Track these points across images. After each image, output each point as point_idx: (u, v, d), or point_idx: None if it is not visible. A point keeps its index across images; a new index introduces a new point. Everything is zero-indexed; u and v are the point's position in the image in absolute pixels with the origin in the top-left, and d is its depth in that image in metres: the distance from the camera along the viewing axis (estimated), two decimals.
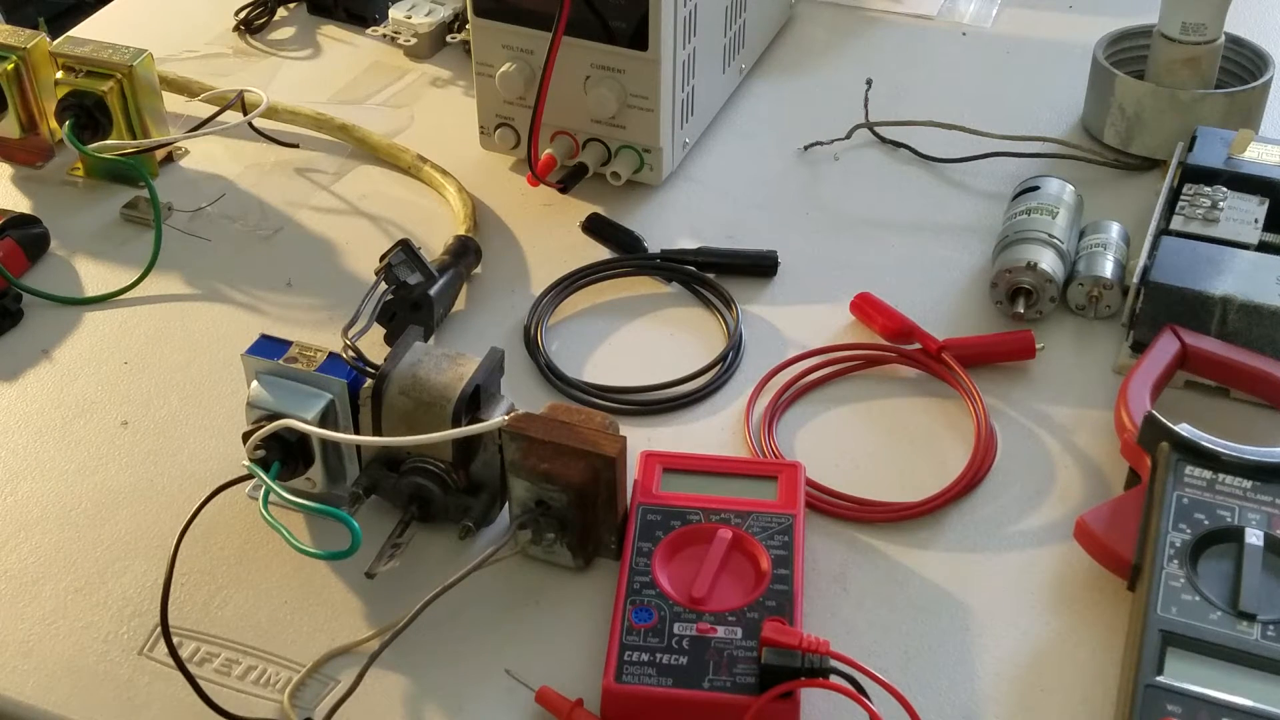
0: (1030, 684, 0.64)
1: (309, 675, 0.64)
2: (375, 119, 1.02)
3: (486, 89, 0.94)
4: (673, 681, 0.60)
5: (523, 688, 0.63)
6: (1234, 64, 0.97)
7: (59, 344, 0.84)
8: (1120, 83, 0.94)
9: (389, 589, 0.68)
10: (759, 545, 0.66)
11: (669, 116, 0.92)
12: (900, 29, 1.15)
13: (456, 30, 1.12)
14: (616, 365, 0.82)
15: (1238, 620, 0.61)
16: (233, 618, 0.67)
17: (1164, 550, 0.64)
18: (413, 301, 0.79)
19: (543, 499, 0.66)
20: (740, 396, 0.79)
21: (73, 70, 0.93)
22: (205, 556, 0.70)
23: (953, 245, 0.90)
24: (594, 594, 0.68)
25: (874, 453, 0.76)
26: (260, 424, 0.67)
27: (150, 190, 0.88)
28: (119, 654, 0.66)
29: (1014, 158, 0.97)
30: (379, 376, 0.68)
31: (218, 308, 0.87)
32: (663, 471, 0.70)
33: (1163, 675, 0.59)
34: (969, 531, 0.71)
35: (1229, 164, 0.86)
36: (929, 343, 0.80)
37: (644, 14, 0.86)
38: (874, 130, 1.00)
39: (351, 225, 0.93)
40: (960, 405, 0.78)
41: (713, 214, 0.94)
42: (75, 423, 0.79)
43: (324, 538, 0.70)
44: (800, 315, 0.85)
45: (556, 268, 0.88)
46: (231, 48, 1.14)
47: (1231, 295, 0.76)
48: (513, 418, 0.67)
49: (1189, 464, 0.68)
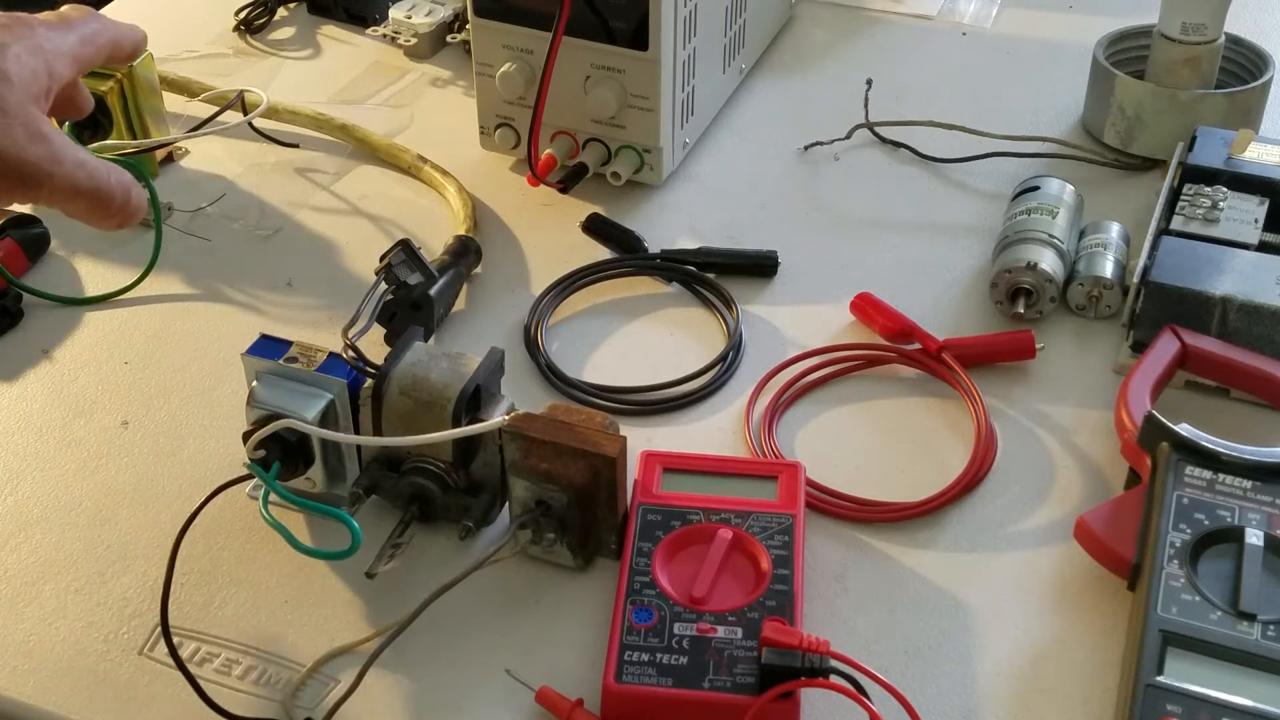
0: (1030, 684, 0.64)
1: (309, 675, 0.64)
2: (375, 119, 1.02)
3: (486, 89, 0.94)
4: (673, 681, 0.60)
5: (523, 688, 0.63)
6: (1234, 64, 0.97)
7: (59, 344, 0.84)
8: (1120, 83, 0.94)
9: (389, 589, 0.68)
10: (759, 545, 0.66)
11: (669, 116, 0.92)
12: (900, 29, 1.15)
13: (456, 30, 1.12)
14: (616, 365, 0.82)
15: (1238, 620, 0.61)
16: (233, 618, 0.67)
17: (1164, 550, 0.64)
18: (413, 301, 0.79)
19: (543, 499, 0.66)
20: (740, 396, 0.79)
21: None
22: (205, 556, 0.70)
23: (953, 245, 0.90)
24: (594, 594, 0.68)
25: (874, 453, 0.76)
26: (260, 424, 0.67)
27: (150, 190, 0.88)
28: (119, 654, 0.66)
29: (1014, 158, 0.97)
30: (379, 376, 0.68)
31: (218, 308, 0.87)
32: (663, 471, 0.71)
33: (1163, 675, 0.59)
34: (969, 531, 0.71)
35: (1229, 164, 0.86)
36: (929, 343, 0.80)
37: (644, 14, 0.86)
38: (874, 130, 1.00)
39: (351, 225, 0.93)
40: (960, 405, 0.78)
41: (713, 214, 0.94)
42: (75, 423, 0.79)
43: (324, 538, 0.70)
44: (800, 315, 0.85)
45: (556, 268, 0.88)
46: (232, 48, 1.14)
47: (1231, 295, 0.76)
48: (513, 418, 0.67)
49: (1189, 464, 0.68)
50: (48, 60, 0.63)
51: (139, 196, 0.66)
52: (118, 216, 0.65)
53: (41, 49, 0.63)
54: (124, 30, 0.67)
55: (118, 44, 0.67)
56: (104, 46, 0.66)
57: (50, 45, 0.63)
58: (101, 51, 0.66)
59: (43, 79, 0.62)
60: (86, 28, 0.65)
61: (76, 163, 0.63)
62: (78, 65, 0.65)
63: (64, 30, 0.64)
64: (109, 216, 0.65)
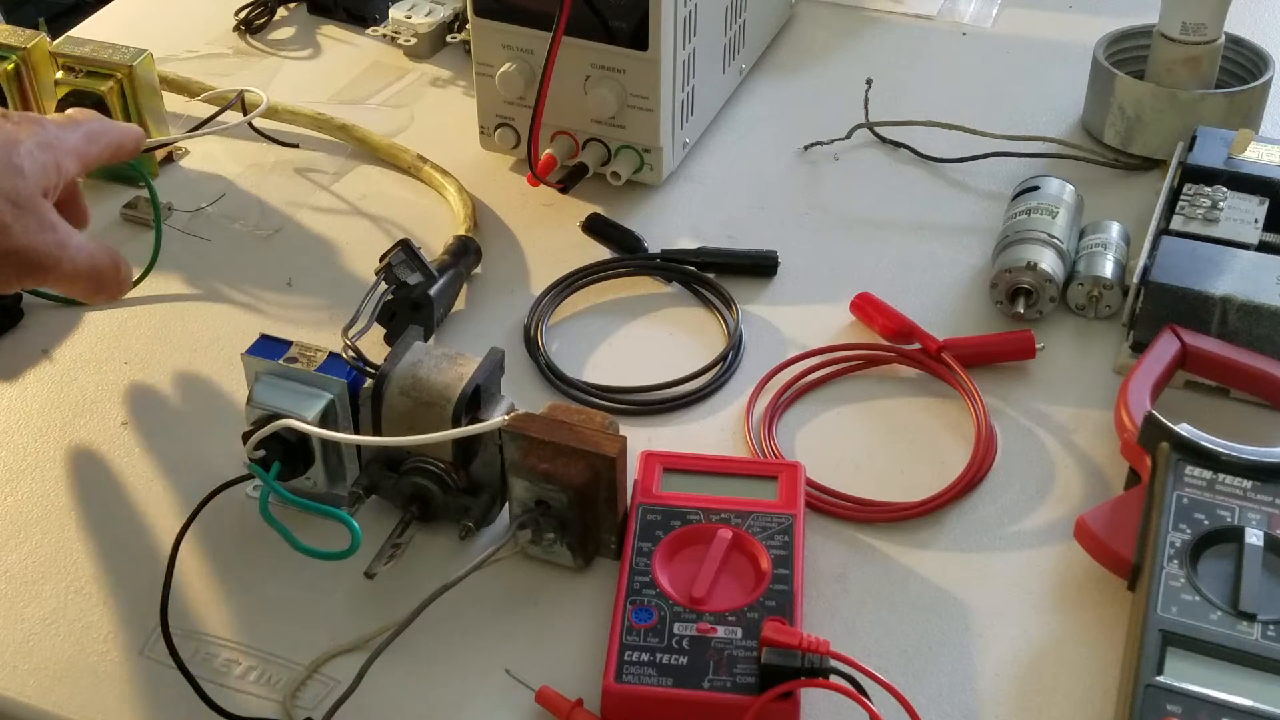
0: (1030, 684, 0.64)
1: (309, 675, 0.64)
2: (375, 119, 1.02)
3: (486, 89, 0.94)
4: (673, 681, 0.60)
5: (523, 688, 0.63)
6: (1234, 64, 0.97)
7: (59, 344, 0.84)
8: (1120, 83, 0.94)
9: (389, 589, 0.68)
10: (759, 545, 0.66)
11: (669, 116, 0.92)
12: (900, 29, 1.15)
13: (456, 30, 1.12)
14: (616, 365, 0.82)
15: (1238, 620, 0.61)
16: (233, 618, 0.67)
17: (1164, 550, 0.64)
18: (413, 301, 0.79)
19: (543, 499, 0.66)
20: (740, 396, 0.79)
21: (73, 70, 0.93)
22: (205, 556, 0.70)
23: (953, 245, 0.90)
24: (594, 594, 0.68)
25: (874, 453, 0.76)
26: (260, 424, 0.67)
27: (150, 190, 0.88)
28: (119, 654, 0.66)
29: (1014, 158, 0.97)
30: (379, 376, 0.68)
31: (218, 308, 0.87)
32: (663, 471, 0.70)
33: (1163, 675, 0.59)
34: (969, 531, 0.71)
35: (1229, 164, 0.86)
36: (929, 343, 0.80)
37: (644, 14, 0.86)
38: (874, 130, 1.00)
39: (351, 225, 0.93)
40: (960, 405, 0.78)
41: (713, 214, 0.94)
42: (75, 423, 0.79)
43: (324, 538, 0.70)
44: (800, 315, 0.85)
45: (556, 268, 0.88)
46: (231, 48, 1.14)
47: (1231, 295, 0.76)
48: (513, 418, 0.67)
49: (1189, 464, 0.68)
50: (57, 156, 0.67)
51: (127, 271, 0.71)
52: (110, 290, 0.70)
53: (52, 146, 0.67)
54: (125, 130, 0.72)
55: (120, 144, 0.72)
56: (107, 146, 0.70)
57: (59, 143, 0.67)
58: (105, 151, 0.70)
59: (52, 174, 0.66)
60: (91, 128, 0.70)
61: (78, 248, 0.67)
62: (83, 163, 0.69)
63: (71, 129, 0.68)
64: (102, 291, 0.69)
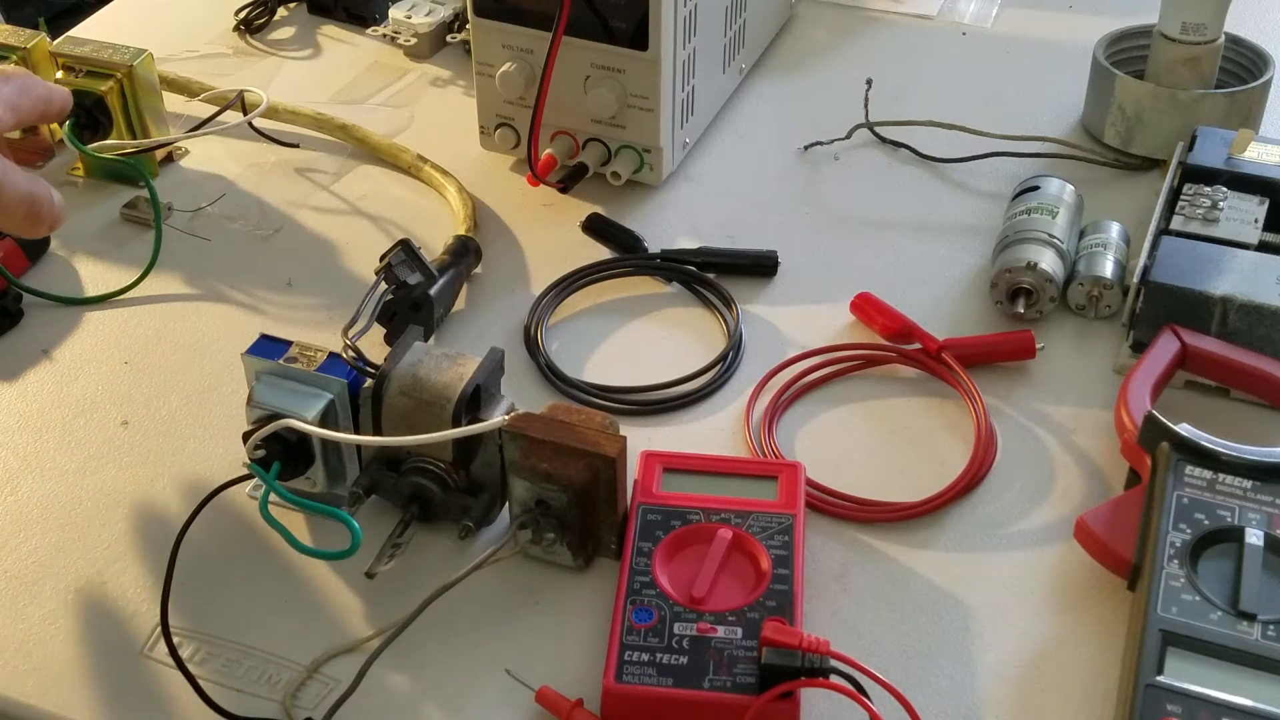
0: (1030, 684, 0.64)
1: (309, 675, 0.64)
2: (375, 119, 1.02)
3: (486, 89, 0.94)
4: (673, 681, 0.60)
5: (523, 688, 0.63)
6: (1234, 64, 0.97)
7: (59, 344, 0.84)
8: (1120, 83, 0.94)
9: (389, 589, 0.68)
10: (759, 545, 0.66)
11: (669, 116, 0.92)
12: (900, 29, 1.15)
13: (456, 30, 1.12)
14: (616, 365, 0.82)
15: (1238, 620, 0.61)
16: (233, 618, 0.67)
17: (1164, 550, 0.64)
18: (413, 301, 0.79)
19: (543, 499, 0.66)
20: (740, 396, 0.79)
21: (73, 70, 0.93)
22: (205, 556, 0.70)
23: (953, 245, 0.90)
24: (594, 594, 0.68)
25: (874, 453, 0.76)
26: (260, 424, 0.67)
27: (150, 190, 0.88)
28: (119, 654, 0.66)
29: (1014, 158, 0.97)
30: (379, 376, 0.68)
31: (218, 308, 0.87)
32: (663, 471, 0.70)
33: (1163, 675, 0.59)
34: (969, 531, 0.71)
35: (1229, 164, 0.86)
36: (929, 343, 0.80)
37: (644, 14, 0.86)
38: (874, 130, 1.00)
39: (351, 225, 0.93)
40: (960, 405, 0.78)
41: (713, 214, 0.94)
42: (75, 423, 0.79)
43: (324, 538, 0.70)
44: (800, 315, 0.85)
45: (556, 268, 0.88)
46: (231, 48, 1.14)
47: (1231, 295, 0.76)
48: (513, 418, 0.67)
49: (1189, 464, 0.68)
50: None
51: (60, 201, 0.70)
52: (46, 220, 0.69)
53: None
54: (54, 88, 0.74)
55: (49, 99, 0.73)
56: (38, 100, 0.72)
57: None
58: (37, 105, 0.72)
59: None
60: (21, 81, 0.72)
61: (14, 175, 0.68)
62: (17, 115, 0.71)
63: (3, 82, 0.70)
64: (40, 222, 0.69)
